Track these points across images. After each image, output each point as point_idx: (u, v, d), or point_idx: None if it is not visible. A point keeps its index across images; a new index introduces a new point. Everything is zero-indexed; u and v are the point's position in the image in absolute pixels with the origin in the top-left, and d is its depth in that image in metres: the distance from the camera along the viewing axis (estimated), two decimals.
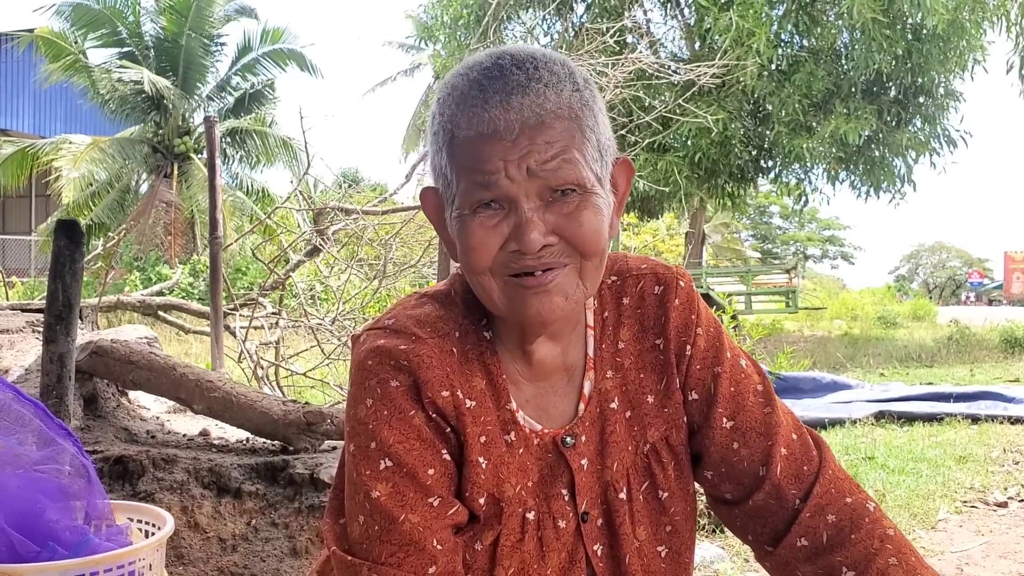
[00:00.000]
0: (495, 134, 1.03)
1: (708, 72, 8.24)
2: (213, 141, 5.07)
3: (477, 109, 1.04)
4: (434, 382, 1.10)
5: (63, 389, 2.76)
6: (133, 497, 2.72)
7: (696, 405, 1.22)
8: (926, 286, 57.90)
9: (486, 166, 1.04)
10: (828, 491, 1.19)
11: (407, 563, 1.06)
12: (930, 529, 4.30)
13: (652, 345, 1.22)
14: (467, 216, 1.06)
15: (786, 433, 1.21)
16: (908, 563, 1.14)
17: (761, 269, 25.37)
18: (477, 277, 1.09)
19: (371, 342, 1.13)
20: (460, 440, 1.12)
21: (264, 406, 3.19)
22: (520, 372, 1.18)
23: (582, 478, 1.17)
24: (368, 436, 1.09)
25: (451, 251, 1.15)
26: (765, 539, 1.21)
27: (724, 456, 1.21)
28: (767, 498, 1.19)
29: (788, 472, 1.19)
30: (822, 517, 1.17)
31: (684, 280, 1.24)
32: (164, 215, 20.76)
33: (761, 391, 1.23)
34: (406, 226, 6.94)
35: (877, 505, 1.21)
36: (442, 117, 1.08)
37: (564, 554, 1.16)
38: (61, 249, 2.61)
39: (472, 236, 1.06)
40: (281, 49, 22.85)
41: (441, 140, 1.08)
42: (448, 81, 1.10)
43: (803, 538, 1.17)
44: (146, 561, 1.67)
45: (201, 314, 8.03)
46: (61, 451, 1.77)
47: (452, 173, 1.07)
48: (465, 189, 1.06)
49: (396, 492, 1.08)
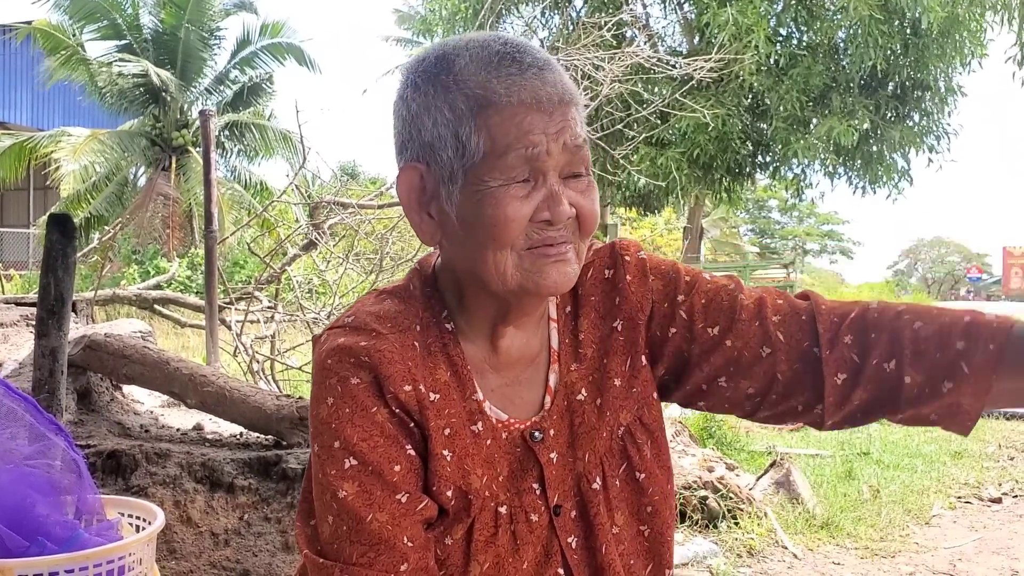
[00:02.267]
0: (537, 104, 1.03)
1: (706, 67, 8.23)
2: (208, 135, 5.07)
3: (516, 77, 1.03)
4: (396, 377, 1.08)
5: (55, 383, 2.76)
6: (126, 491, 2.72)
7: (681, 336, 1.21)
8: (925, 281, 57.88)
9: (531, 138, 1.03)
10: (830, 320, 1.16)
11: (378, 562, 1.05)
12: (924, 525, 4.31)
13: (611, 329, 1.21)
14: (496, 188, 1.04)
15: (770, 303, 1.20)
16: (931, 315, 1.13)
17: (759, 264, 25.38)
18: (495, 252, 1.06)
19: (331, 341, 1.11)
20: (424, 434, 1.11)
21: (257, 401, 3.19)
22: (486, 360, 1.17)
23: (552, 471, 1.17)
24: (331, 435, 1.08)
25: (424, 234, 1.12)
26: (812, 403, 1.18)
27: (726, 358, 1.19)
28: (788, 367, 1.17)
29: (790, 331, 1.17)
30: (840, 344, 1.15)
31: (630, 253, 1.23)
32: (162, 208, 20.74)
33: (730, 288, 1.22)
34: (403, 220, 6.93)
35: (878, 301, 1.20)
36: (467, 84, 1.04)
37: (539, 547, 1.16)
38: (53, 243, 2.61)
39: (507, 207, 1.04)
40: (280, 43, 22.82)
41: (466, 107, 1.04)
42: (458, 51, 1.07)
43: (838, 374, 1.14)
44: (136, 556, 1.67)
45: (198, 308, 8.03)
46: (51, 446, 1.77)
47: (480, 141, 1.04)
48: (506, 161, 1.04)
49: (363, 491, 1.07)
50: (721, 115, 13.96)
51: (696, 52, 14.08)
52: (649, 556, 1.23)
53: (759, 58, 13.68)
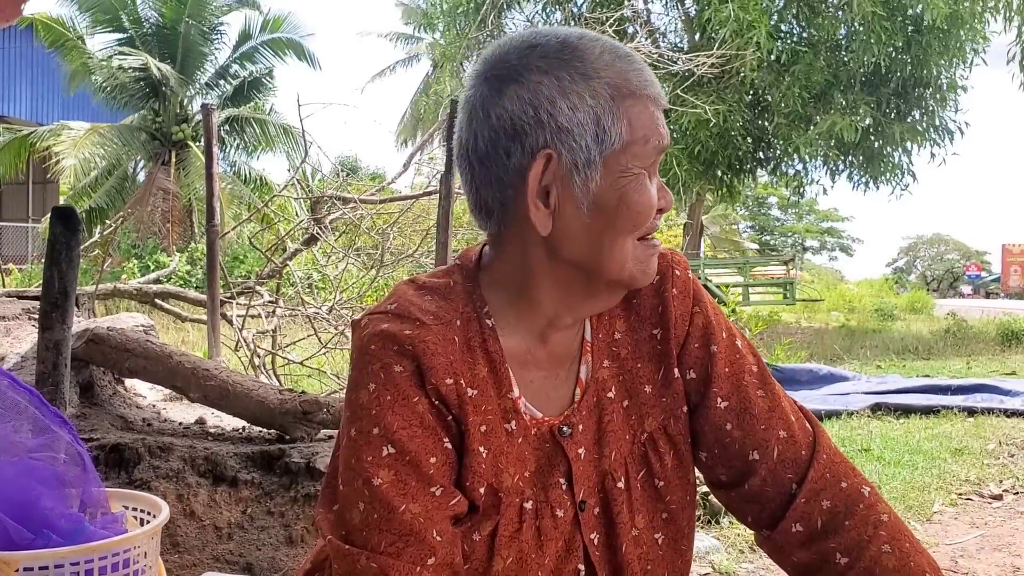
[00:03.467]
0: (657, 101, 1.08)
1: (707, 63, 8.22)
2: (210, 128, 5.05)
3: (642, 72, 1.07)
4: (438, 369, 1.08)
5: (59, 376, 2.75)
6: (129, 485, 2.71)
7: (693, 384, 1.22)
8: (924, 278, 57.89)
9: (660, 129, 1.08)
10: (823, 476, 1.19)
11: (406, 553, 1.04)
12: (925, 521, 4.31)
13: (649, 335, 1.21)
14: (639, 175, 1.07)
15: (782, 417, 1.21)
16: (902, 550, 1.14)
17: (759, 260, 25.38)
18: (624, 240, 1.09)
19: (374, 326, 1.10)
20: (461, 429, 1.11)
21: (260, 395, 3.19)
22: (530, 354, 1.16)
23: (579, 467, 1.17)
24: (371, 421, 1.07)
25: (538, 222, 1.08)
26: (762, 523, 1.21)
27: (717, 437, 1.21)
28: (763, 483, 1.19)
29: (785, 456, 1.19)
30: (817, 503, 1.17)
31: (680, 268, 1.23)
32: (162, 203, 20.72)
33: (756, 372, 1.23)
34: (404, 215, 6.93)
35: (873, 489, 1.21)
36: (606, 70, 1.06)
37: (561, 543, 1.16)
38: (57, 236, 2.61)
39: (648, 193, 1.08)
40: (280, 38, 22.78)
41: (608, 92, 1.05)
42: (584, 43, 1.08)
43: (798, 523, 1.17)
44: (141, 549, 1.67)
45: (198, 302, 8.02)
46: (56, 439, 1.77)
47: (622, 128, 1.06)
48: (645, 149, 1.07)
49: (398, 480, 1.06)
50: (722, 111, 13.94)
51: (697, 48, 14.07)
52: (664, 562, 1.23)
53: (761, 54, 13.66)
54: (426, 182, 7.69)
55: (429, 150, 8.34)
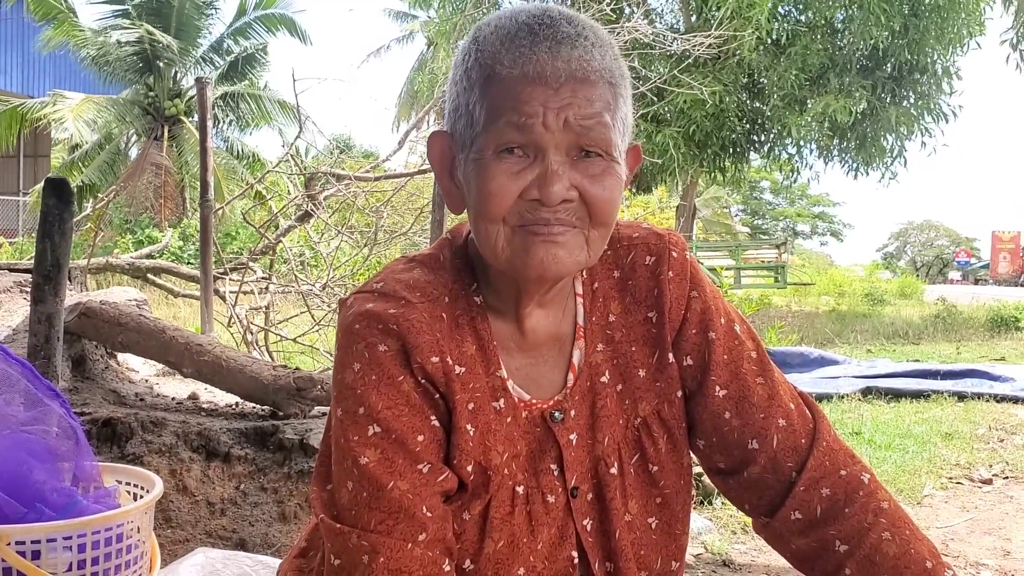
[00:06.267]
0: (540, 78, 1.00)
1: (705, 43, 8.19)
2: (205, 102, 5.01)
3: (524, 50, 1.01)
4: (423, 347, 1.07)
5: (51, 350, 2.73)
6: (121, 460, 2.70)
7: (691, 371, 1.20)
8: (913, 264, 58.10)
9: (525, 108, 1.01)
10: (823, 463, 1.18)
11: (396, 530, 1.04)
12: (916, 505, 4.33)
13: (644, 318, 1.19)
14: (489, 159, 1.02)
15: (782, 404, 1.20)
16: (902, 537, 1.14)
17: (751, 244, 25.41)
18: (486, 225, 1.05)
19: (359, 306, 1.10)
20: (448, 406, 1.10)
21: (254, 371, 3.17)
22: (512, 339, 1.15)
23: (571, 453, 1.16)
24: (356, 401, 1.07)
25: (451, 201, 1.11)
26: (761, 510, 1.21)
27: (715, 425, 1.20)
28: (762, 471, 1.18)
29: (784, 444, 1.18)
30: (816, 490, 1.16)
31: (677, 249, 1.21)
32: (154, 178, 20.61)
33: (755, 359, 1.21)
34: (397, 194, 6.90)
35: (873, 476, 1.21)
36: (481, 54, 1.04)
37: (554, 529, 1.15)
38: (50, 208, 2.58)
39: (493, 180, 1.02)
40: (272, 14, 22.61)
41: (475, 77, 1.04)
42: (490, 21, 1.07)
43: (797, 511, 1.17)
44: (134, 524, 1.65)
45: (191, 278, 8.00)
46: (49, 412, 1.75)
47: (482, 112, 1.03)
48: (496, 129, 1.02)
49: (385, 458, 1.06)
50: (719, 92, 13.88)
51: (694, 29, 13.99)
52: (658, 547, 1.22)
53: (760, 34, 13.59)
54: (421, 160, 7.66)
55: (424, 129, 8.29)
